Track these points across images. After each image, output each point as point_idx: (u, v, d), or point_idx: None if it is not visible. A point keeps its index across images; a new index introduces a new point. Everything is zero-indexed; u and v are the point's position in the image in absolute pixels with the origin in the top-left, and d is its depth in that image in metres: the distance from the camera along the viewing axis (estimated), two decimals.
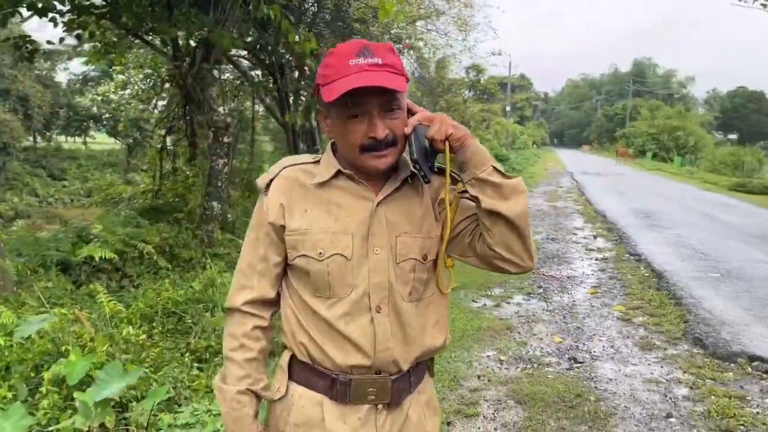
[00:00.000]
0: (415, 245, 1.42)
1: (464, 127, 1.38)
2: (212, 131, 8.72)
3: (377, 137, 1.32)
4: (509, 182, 1.35)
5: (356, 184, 1.41)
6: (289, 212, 1.40)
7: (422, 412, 1.50)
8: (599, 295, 6.66)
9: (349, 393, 1.40)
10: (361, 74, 1.28)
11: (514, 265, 1.41)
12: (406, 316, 1.41)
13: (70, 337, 3.86)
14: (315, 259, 1.37)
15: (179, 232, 8.16)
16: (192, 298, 5.26)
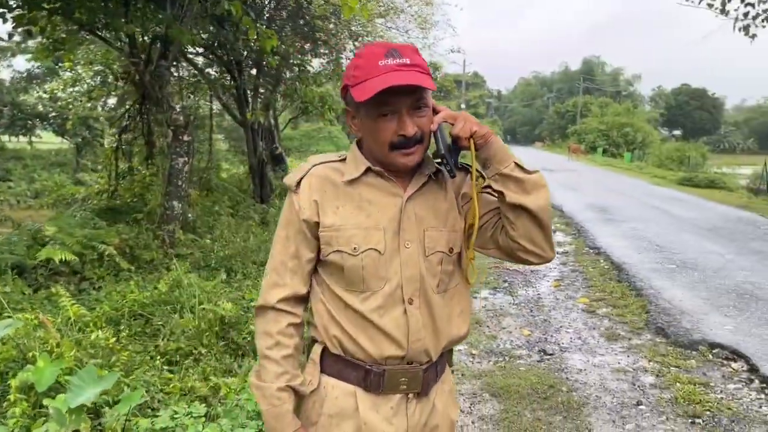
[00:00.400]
0: (441, 239, 1.47)
1: (486, 126, 1.44)
2: (171, 129, 8.53)
3: (407, 135, 1.37)
4: (531, 177, 1.41)
5: (385, 181, 1.45)
6: (323, 209, 1.44)
7: (446, 401, 1.56)
8: (563, 288, 6.80)
9: (382, 383, 1.44)
10: (392, 74, 1.33)
11: (537, 256, 1.46)
12: (436, 307, 1.46)
13: (36, 343, 3.73)
14: (350, 254, 1.41)
15: (139, 233, 7.96)
16: (158, 300, 5.16)
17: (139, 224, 8.55)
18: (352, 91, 1.38)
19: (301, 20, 10.23)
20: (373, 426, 1.44)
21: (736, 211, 14.00)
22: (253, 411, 3.14)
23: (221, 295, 5.33)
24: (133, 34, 8.46)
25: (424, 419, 1.49)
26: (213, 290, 5.55)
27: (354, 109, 1.44)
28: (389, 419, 1.44)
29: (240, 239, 7.61)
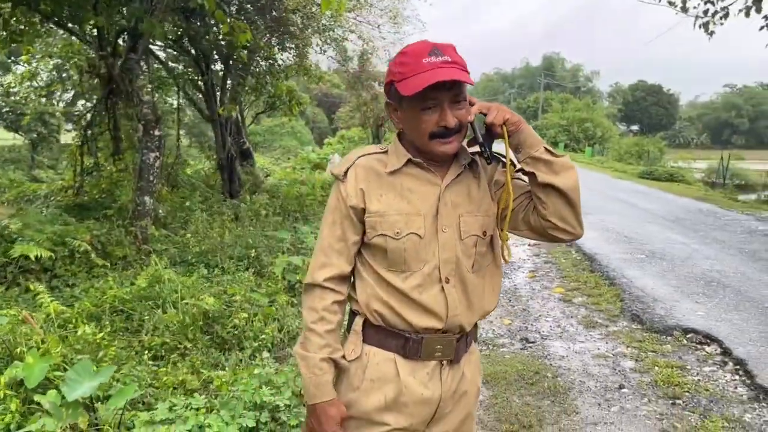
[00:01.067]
0: (476, 223, 1.57)
1: (518, 115, 1.54)
2: (142, 124, 8.40)
3: (448, 126, 1.48)
4: (560, 160, 1.51)
5: (425, 171, 1.55)
6: (368, 197, 1.54)
7: (473, 370, 1.68)
8: (538, 279, 6.93)
9: (420, 350, 1.55)
10: (438, 71, 1.43)
11: (567, 233, 1.55)
12: (470, 285, 1.57)
13: (22, 339, 3.66)
14: (392, 237, 1.52)
15: (110, 229, 7.82)
16: (138, 296, 5.09)
17: (110, 220, 8.40)
18: (398, 86, 1.48)
19: (271, 14, 10.14)
20: (412, 389, 1.56)
21: (696, 203, 14.45)
22: (250, 402, 3.15)
23: (202, 290, 5.29)
24: (101, 27, 8.30)
25: (455, 385, 1.61)
26: (194, 285, 5.50)
27: (397, 102, 1.54)
28: (425, 383, 1.57)
29: (216, 234, 7.53)
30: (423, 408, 1.58)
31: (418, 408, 1.58)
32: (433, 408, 1.60)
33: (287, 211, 10.95)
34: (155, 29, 7.34)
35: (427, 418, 1.61)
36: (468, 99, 1.54)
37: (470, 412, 1.70)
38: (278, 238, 6.92)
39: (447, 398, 1.61)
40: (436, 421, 1.63)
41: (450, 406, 1.63)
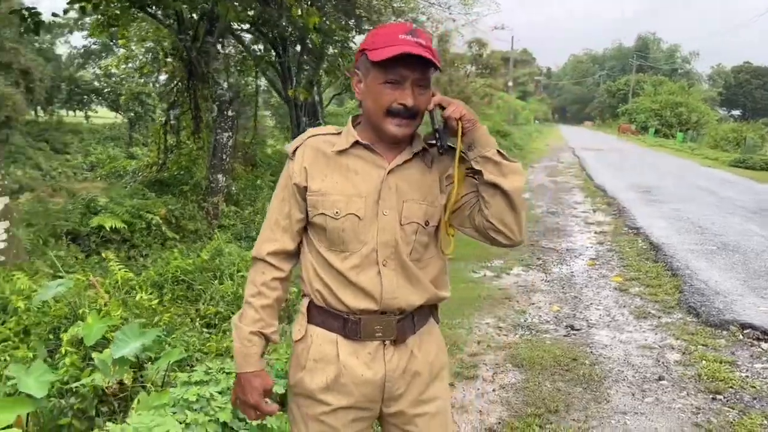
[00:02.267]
0: (419, 211, 1.58)
1: (475, 114, 1.55)
2: (216, 105, 8.80)
3: (407, 104, 1.49)
4: (509, 163, 1.53)
5: (372, 154, 1.58)
6: (311, 176, 1.57)
7: (426, 350, 1.66)
8: (597, 267, 6.80)
9: (359, 331, 1.57)
10: (411, 47, 1.46)
11: (506, 237, 1.56)
12: (410, 270, 1.58)
13: (86, 302, 4.01)
14: (332, 217, 1.54)
15: (185, 205, 8.30)
16: (200, 267, 5.40)
17: (186, 196, 8.89)
18: (368, 54, 1.50)
19: None
20: (352, 370, 1.58)
21: None
22: (282, 370, 3.34)
23: None
24: (181, 11, 8.72)
25: (403, 365, 1.61)
26: None
27: (363, 72, 1.56)
28: (368, 364, 1.58)
29: None
30: (365, 388, 1.59)
31: (359, 388, 1.59)
32: (378, 388, 1.61)
33: None
34: (230, 13, 7.65)
35: (374, 397, 1.61)
36: (431, 90, 1.56)
37: (433, 392, 1.67)
38: None
39: (395, 378, 1.61)
40: (389, 400, 1.63)
41: (402, 386, 1.62)
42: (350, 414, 1.61)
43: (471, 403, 3.58)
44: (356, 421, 1.63)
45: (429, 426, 1.65)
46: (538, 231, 8.81)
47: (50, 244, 6.37)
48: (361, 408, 1.62)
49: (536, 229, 8.94)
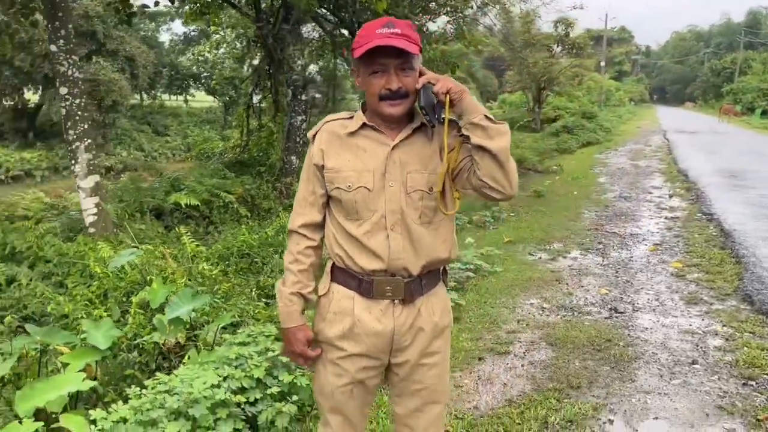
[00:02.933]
0: (422, 179, 1.80)
1: (463, 86, 1.75)
2: (291, 89, 9.24)
3: (392, 89, 1.72)
4: (495, 126, 1.71)
5: (378, 133, 1.81)
6: (327, 155, 1.83)
7: (432, 310, 1.90)
8: (659, 252, 6.70)
9: (372, 290, 1.82)
10: (383, 39, 1.68)
11: (499, 192, 1.76)
12: (416, 234, 1.81)
13: (155, 270, 4.50)
14: (345, 190, 1.80)
15: (260, 185, 8.81)
16: (265, 242, 5.83)
17: (261, 176, 9.40)
18: (354, 52, 1.74)
19: None
20: (365, 323, 1.83)
21: None
22: None
23: None
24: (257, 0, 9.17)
25: (410, 321, 1.85)
26: None
27: (356, 66, 1.79)
28: (378, 318, 1.83)
29: None
30: (376, 339, 1.84)
31: (371, 339, 1.84)
32: (388, 339, 1.84)
33: None
34: (303, 0, 8.00)
35: (383, 347, 1.85)
36: (421, 71, 1.76)
37: (435, 347, 1.91)
38: None
39: (403, 332, 1.84)
40: (396, 351, 1.87)
41: (408, 339, 1.86)
42: (362, 361, 1.87)
43: (497, 376, 3.77)
44: (367, 369, 1.89)
45: (428, 375, 1.91)
46: (606, 216, 8.71)
47: (136, 218, 7.01)
48: (371, 357, 1.87)
49: (604, 213, 8.84)
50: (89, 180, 5.98)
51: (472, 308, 4.97)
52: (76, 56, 5.99)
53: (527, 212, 9.17)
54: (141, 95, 37.22)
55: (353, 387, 1.90)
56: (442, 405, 1.98)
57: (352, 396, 1.91)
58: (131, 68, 29.63)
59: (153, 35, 36.21)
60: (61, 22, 5.79)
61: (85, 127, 5.99)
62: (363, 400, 1.95)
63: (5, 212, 9.08)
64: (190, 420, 2.77)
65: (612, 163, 15.04)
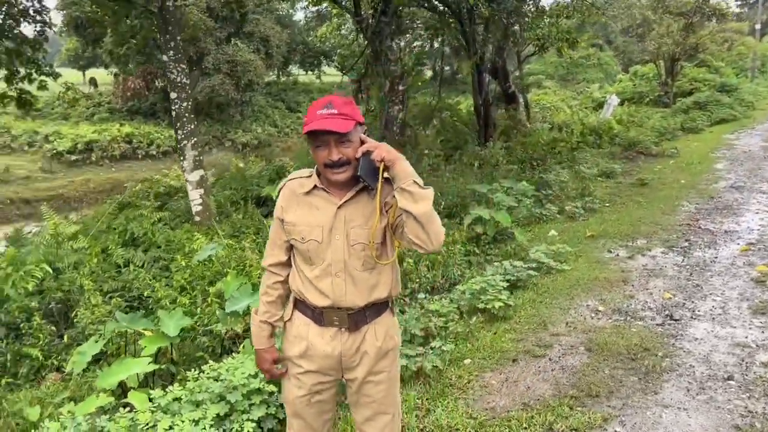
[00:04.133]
0: (363, 234, 2.14)
1: (398, 154, 2.05)
2: (389, 80, 9.62)
3: (332, 159, 2.05)
4: (420, 191, 2.01)
5: (327, 194, 2.16)
6: (286, 211, 2.21)
7: (375, 336, 2.25)
8: (749, 254, 6.41)
9: (323, 319, 2.21)
10: (319, 122, 2.03)
11: (421, 248, 2.07)
12: (357, 279, 2.17)
13: (234, 262, 5.13)
14: (300, 241, 2.18)
15: None
16: None
17: None
18: (303, 128, 2.10)
19: None
20: (317, 346, 2.22)
21: None
22: None
23: None
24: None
25: (356, 345, 2.22)
26: None
27: (307, 140, 2.16)
28: (328, 343, 2.21)
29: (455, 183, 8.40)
30: (326, 359, 2.22)
31: (322, 359, 2.22)
32: (336, 360, 2.21)
33: (530, 159, 11.23)
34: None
35: (333, 366, 2.23)
36: (362, 140, 2.07)
37: (380, 367, 2.25)
38: (476, 191, 7.55)
39: (350, 354, 2.21)
40: (346, 369, 2.25)
41: (356, 360, 2.22)
42: (317, 377, 2.26)
43: (524, 379, 4.01)
44: (321, 383, 2.27)
45: (375, 390, 2.28)
46: (706, 209, 8.32)
47: (239, 206, 7.76)
48: (324, 373, 2.26)
49: (705, 206, 8.45)
50: (195, 174, 6.79)
51: (526, 308, 5.16)
52: (183, 65, 6.76)
53: (624, 202, 8.96)
54: (278, 73, 39.20)
55: (310, 397, 2.29)
56: (391, 415, 2.33)
57: (310, 404, 2.31)
58: (266, 48, 31.34)
59: (288, 14, 37.82)
60: (170, 35, 6.57)
61: (191, 127, 6.78)
62: (320, 408, 2.33)
63: (149, 189, 10.23)
64: (229, 404, 3.32)
65: (740, 145, 13.98)
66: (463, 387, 3.93)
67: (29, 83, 11.49)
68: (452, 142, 12.77)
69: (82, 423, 3.11)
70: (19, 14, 11.23)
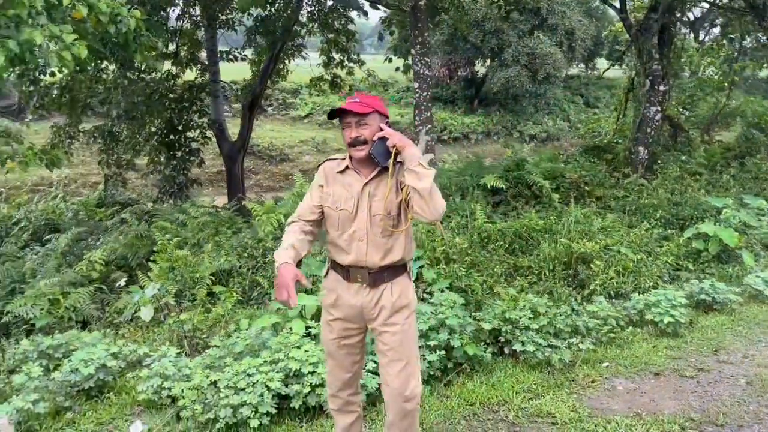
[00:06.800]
0: (381, 206, 2.62)
1: (408, 140, 2.52)
2: (649, 80, 9.20)
3: (351, 137, 2.57)
4: (424, 171, 2.45)
5: (356, 173, 2.69)
6: (327, 183, 2.76)
7: (391, 293, 2.69)
8: None
9: (349, 276, 2.73)
10: (345, 105, 2.56)
11: (424, 217, 2.49)
12: (377, 243, 2.64)
13: (424, 236, 5.77)
14: (333, 209, 2.71)
15: (598, 172, 9.15)
16: (541, 228, 6.49)
17: (608, 164, 9.69)
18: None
19: None
20: (343, 297, 2.69)
21: None
22: None
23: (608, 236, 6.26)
24: None
25: (375, 300, 2.68)
26: (600, 229, 6.52)
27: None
28: (353, 296, 2.68)
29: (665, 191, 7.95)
30: (351, 309, 2.67)
31: (347, 309, 2.68)
32: (359, 310, 2.65)
33: None
34: None
35: (357, 315, 2.67)
36: (381, 127, 2.53)
37: (394, 320, 2.64)
38: (709, 204, 6.95)
39: (370, 307, 2.64)
40: (368, 320, 2.68)
41: (375, 312, 2.65)
42: (344, 323, 2.74)
43: (654, 393, 3.90)
44: (348, 329, 2.74)
45: (391, 340, 2.72)
46: None
47: (472, 193, 8.31)
48: (349, 321, 2.73)
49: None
50: (426, 157, 7.57)
51: (706, 331, 4.86)
52: (427, 58, 7.55)
53: None
54: (585, 66, 38.29)
55: (339, 340, 2.76)
56: (404, 362, 2.70)
57: (339, 347, 2.78)
58: (569, 41, 30.90)
59: (597, 6, 36.62)
60: (419, 30, 7.41)
61: (428, 115, 7.56)
62: (348, 351, 2.78)
63: None
64: None
65: None
66: (584, 385, 4.00)
67: (341, 69, 13.51)
68: (735, 150, 11.52)
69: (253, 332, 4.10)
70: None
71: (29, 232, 9.01)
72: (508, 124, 29.71)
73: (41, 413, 3.64)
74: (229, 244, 6.52)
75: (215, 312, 5.14)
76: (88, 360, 4.01)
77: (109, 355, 4.14)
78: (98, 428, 3.68)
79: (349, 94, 14.16)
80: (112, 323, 5.58)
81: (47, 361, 4.28)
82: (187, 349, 4.56)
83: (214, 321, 5.00)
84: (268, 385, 3.54)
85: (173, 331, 4.75)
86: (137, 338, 5.00)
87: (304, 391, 3.56)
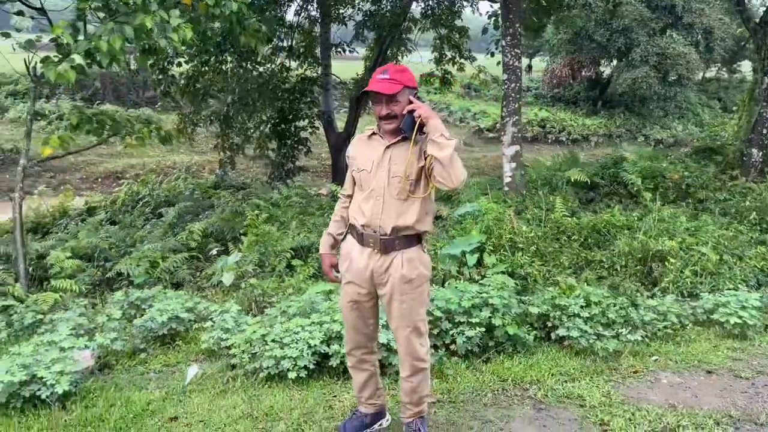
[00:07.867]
0: (400, 169, 2.77)
1: (432, 113, 2.68)
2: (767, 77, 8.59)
3: (382, 114, 2.77)
4: (445, 141, 2.61)
5: (381, 138, 2.87)
6: (353, 149, 2.98)
7: (401, 264, 2.82)
8: None
9: (362, 240, 2.90)
10: (375, 84, 2.75)
11: (445, 185, 2.65)
12: (391, 204, 2.80)
13: (492, 222, 5.83)
14: (356, 171, 2.93)
15: (702, 173, 8.68)
16: (618, 224, 6.33)
17: (717, 165, 9.16)
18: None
19: None
20: (356, 261, 2.84)
21: None
22: None
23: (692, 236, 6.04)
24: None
25: (385, 267, 2.81)
26: (686, 229, 6.28)
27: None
28: (364, 260, 2.81)
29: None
30: (361, 273, 2.81)
31: (358, 272, 2.82)
32: (369, 275, 2.79)
33: None
34: None
35: (366, 280, 2.81)
36: (409, 99, 2.69)
37: (402, 290, 2.77)
38: None
39: (379, 272, 2.77)
40: (378, 285, 2.81)
41: (384, 278, 2.78)
42: (355, 287, 2.87)
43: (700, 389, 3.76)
44: (359, 293, 2.87)
45: (398, 308, 2.84)
46: None
47: (556, 186, 8.21)
48: (359, 285, 2.86)
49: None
50: (511, 149, 7.57)
51: None
52: (518, 49, 7.55)
53: None
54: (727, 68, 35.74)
55: (352, 304, 2.91)
56: (410, 329, 2.85)
57: (352, 310, 2.92)
58: (707, 41, 28.94)
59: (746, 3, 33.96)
60: (510, 22, 7.43)
61: (515, 106, 7.55)
62: (360, 314, 2.92)
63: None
64: None
65: None
66: (626, 375, 3.93)
67: (452, 65, 13.64)
68: None
69: (307, 297, 4.41)
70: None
71: (151, 206, 10.03)
72: (633, 127, 28.36)
73: (118, 350, 4.16)
74: (312, 222, 6.92)
75: (287, 282, 5.52)
76: (164, 310, 4.51)
77: (184, 309, 4.62)
78: (165, 369, 4.15)
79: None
80: (201, 287, 6.15)
81: (135, 311, 4.86)
82: (255, 310, 4.97)
83: (284, 289, 5.38)
84: (309, 343, 3.82)
85: (246, 294, 5.17)
86: (216, 299, 5.49)
87: (342, 351, 3.80)
